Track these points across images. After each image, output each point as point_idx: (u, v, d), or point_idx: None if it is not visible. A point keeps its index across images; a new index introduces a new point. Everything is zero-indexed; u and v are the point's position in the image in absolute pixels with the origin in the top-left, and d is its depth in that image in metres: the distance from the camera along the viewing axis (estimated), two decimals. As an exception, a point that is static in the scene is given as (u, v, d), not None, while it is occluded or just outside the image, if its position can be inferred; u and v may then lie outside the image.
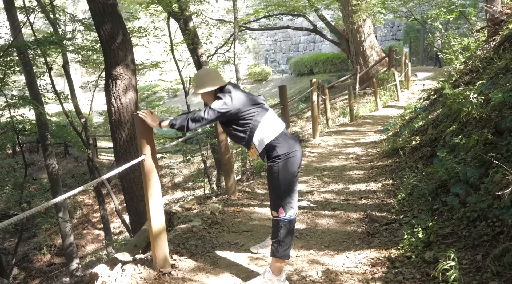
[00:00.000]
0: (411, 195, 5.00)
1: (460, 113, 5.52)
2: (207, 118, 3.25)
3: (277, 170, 3.33)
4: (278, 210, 3.34)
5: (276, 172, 3.34)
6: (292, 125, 13.81)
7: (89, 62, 16.77)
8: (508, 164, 3.63)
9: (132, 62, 7.02)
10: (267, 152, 3.39)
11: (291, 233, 3.40)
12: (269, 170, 3.42)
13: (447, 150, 5.21)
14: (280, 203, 3.34)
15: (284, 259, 3.38)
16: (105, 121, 26.31)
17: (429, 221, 3.93)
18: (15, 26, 11.15)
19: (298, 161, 3.41)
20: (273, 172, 3.35)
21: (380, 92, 16.86)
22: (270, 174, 3.40)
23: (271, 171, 3.38)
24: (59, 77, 30.82)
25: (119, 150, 6.95)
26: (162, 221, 3.58)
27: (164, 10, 14.90)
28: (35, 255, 15.77)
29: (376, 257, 3.79)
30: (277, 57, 40.80)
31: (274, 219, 3.39)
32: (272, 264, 3.41)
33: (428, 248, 3.57)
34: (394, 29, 32.18)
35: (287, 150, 3.34)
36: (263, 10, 20.93)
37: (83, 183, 18.03)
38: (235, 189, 6.25)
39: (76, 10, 36.87)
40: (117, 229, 16.64)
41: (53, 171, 11.77)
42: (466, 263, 3.17)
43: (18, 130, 13.79)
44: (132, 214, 7.21)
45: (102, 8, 6.59)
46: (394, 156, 7.51)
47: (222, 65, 22.63)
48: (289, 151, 3.35)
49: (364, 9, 17.66)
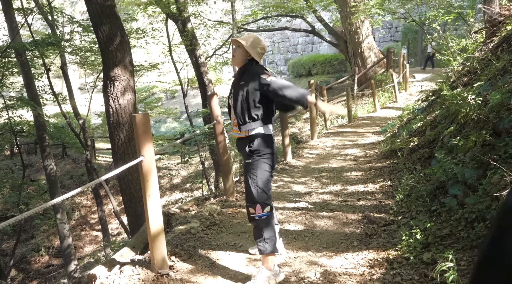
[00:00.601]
0: (409, 196, 5.01)
1: (458, 115, 5.52)
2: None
3: (256, 167, 3.42)
4: (256, 207, 3.40)
5: (255, 168, 3.42)
6: (290, 127, 13.82)
7: (87, 64, 16.78)
8: (506, 165, 3.64)
9: (130, 64, 7.02)
10: (252, 142, 3.46)
11: (272, 227, 3.46)
12: (248, 166, 3.49)
13: (445, 151, 5.21)
14: (257, 200, 3.40)
15: (275, 253, 3.44)
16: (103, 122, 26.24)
17: (427, 222, 3.93)
18: (13, 28, 11.16)
19: (275, 160, 3.59)
20: (253, 168, 3.43)
21: (378, 94, 16.88)
22: (249, 170, 3.47)
23: (251, 167, 3.45)
24: (57, 78, 30.80)
25: (117, 151, 6.94)
26: (160, 223, 3.58)
27: (162, 12, 14.91)
28: (33, 256, 15.75)
29: (374, 258, 3.79)
30: (275, 59, 40.82)
31: (251, 215, 3.44)
32: (265, 262, 3.45)
33: (426, 249, 3.57)
34: (392, 30, 32.24)
35: (270, 150, 3.47)
36: (261, 12, 20.96)
37: (81, 184, 18.01)
38: (233, 190, 6.25)
39: (74, 11, 36.85)
40: (115, 231, 16.63)
41: (51, 172, 11.76)
42: (464, 264, 3.17)
43: (16, 131, 13.76)
44: (130, 215, 7.20)
45: (100, 10, 6.59)
46: (392, 157, 7.52)
47: (220, 67, 22.67)
48: (272, 150, 3.48)
49: (362, 10, 17.69)
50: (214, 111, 5.85)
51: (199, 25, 18.01)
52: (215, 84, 20.89)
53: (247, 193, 3.51)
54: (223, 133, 6.01)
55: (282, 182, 7.10)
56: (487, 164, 3.91)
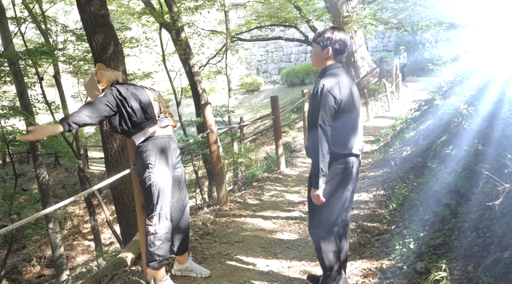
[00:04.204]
0: (402, 206, 5.02)
1: (451, 124, 5.55)
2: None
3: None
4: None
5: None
6: (284, 136, 13.82)
7: (81, 73, 16.75)
8: (498, 174, 3.65)
9: (123, 73, 7.01)
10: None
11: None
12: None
13: (438, 160, 5.23)
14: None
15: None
16: (96, 131, 26.23)
17: (420, 232, 3.94)
18: (6, 37, 11.12)
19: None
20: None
21: (371, 103, 16.95)
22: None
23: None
24: (50, 87, 30.74)
25: (110, 160, 6.92)
26: (153, 232, 3.55)
27: (156, 21, 14.93)
28: (25, 266, 15.59)
29: (367, 268, 3.79)
30: (269, 68, 40.95)
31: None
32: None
33: (420, 258, 3.57)
34: (385, 40, 32.43)
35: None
36: (255, 21, 21.02)
37: (73, 193, 17.92)
38: (226, 199, 6.24)
39: (68, 20, 36.83)
40: (108, 240, 16.52)
41: (43, 181, 11.69)
42: (458, 273, 3.17)
43: (8, 140, 13.68)
44: (123, 225, 7.16)
45: (93, 19, 6.59)
46: (386, 166, 7.53)
47: (214, 76, 22.70)
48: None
49: (355, 20, 17.81)
50: (207, 120, 5.86)
51: (193, 35, 18.04)
52: (209, 93, 20.93)
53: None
54: (217, 142, 6.01)
55: (276, 191, 7.10)
56: (480, 173, 3.93)
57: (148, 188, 3.39)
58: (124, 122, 3.39)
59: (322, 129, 2.85)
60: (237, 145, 13.18)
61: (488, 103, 4.71)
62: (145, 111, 3.42)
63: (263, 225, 5.41)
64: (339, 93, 2.88)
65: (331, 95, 2.85)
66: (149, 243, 3.41)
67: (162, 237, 3.41)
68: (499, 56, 6.47)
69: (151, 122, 3.43)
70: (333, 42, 2.98)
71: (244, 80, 37.58)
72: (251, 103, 34.45)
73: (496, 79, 5.48)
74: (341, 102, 2.89)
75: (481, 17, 8.22)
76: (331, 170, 2.99)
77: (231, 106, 16.44)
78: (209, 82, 24.51)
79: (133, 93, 3.41)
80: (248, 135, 15.48)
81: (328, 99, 2.84)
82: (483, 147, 4.32)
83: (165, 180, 3.43)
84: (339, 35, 2.99)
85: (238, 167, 11.37)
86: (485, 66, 6.54)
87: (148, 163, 3.39)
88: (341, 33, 3.00)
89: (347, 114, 2.95)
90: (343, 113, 2.92)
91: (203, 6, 20.73)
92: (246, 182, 8.88)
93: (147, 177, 3.39)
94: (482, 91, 5.75)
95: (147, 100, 3.45)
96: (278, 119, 8.44)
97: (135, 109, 3.37)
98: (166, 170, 3.47)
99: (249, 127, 20.85)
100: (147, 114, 3.42)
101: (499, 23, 7.54)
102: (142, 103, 3.41)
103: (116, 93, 3.36)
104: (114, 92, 3.36)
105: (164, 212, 3.41)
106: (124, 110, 3.35)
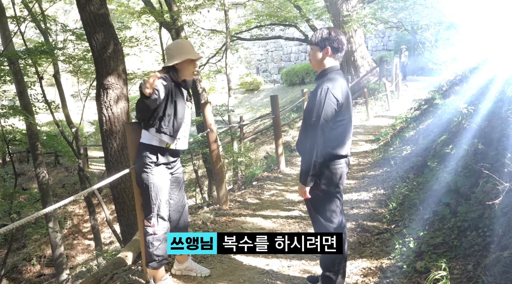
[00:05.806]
0: (402, 205, 5.02)
1: (451, 123, 5.55)
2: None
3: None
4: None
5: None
6: (284, 135, 13.81)
7: (81, 72, 16.74)
8: (498, 173, 3.65)
9: (123, 72, 7.01)
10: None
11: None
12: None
13: (438, 159, 5.23)
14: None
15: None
16: (96, 131, 26.21)
17: (420, 231, 3.94)
18: (5, 36, 11.12)
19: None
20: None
21: (371, 102, 16.95)
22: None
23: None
24: (50, 86, 30.73)
25: (110, 160, 6.91)
26: (153, 231, 3.55)
27: (156, 20, 14.93)
28: (25, 266, 15.59)
29: (367, 267, 3.79)
30: (269, 67, 40.96)
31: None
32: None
33: (420, 257, 3.57)
34: (385, 39, 32.43)
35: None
36: (254, 21, 21.01)
37: (73, 192, 17.92)
38: (226, 198, 6.24)
39: (68, 19, 36.83)
40: (108, 239, 16.52)
41: (43, 181, 11.68)
42: (457, 272, 3.17)
43: (8, 140, 13.68)
44: (123, 224, 7.16)
45: (93, 18, 6.59)
46: (385, 165, 7.53)
47: (214, 75, 22.68)
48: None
49: (355, 19, 17.79)
50: (207, 120, 5.85)
51: (193, 34, 18.03)
52: (209, 92, 20.90)
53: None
54: (217, 141, 6.01)
55: (276, 190, 7.10)
56: (479, 172, 3.93)
57: (145, 188, 3.39)
58: (158, 117, 3.40)
59: (321, 131, 2.90)
60: (237, 144, 13.17)
61: (488, 102, 4.71)
62: (176, 128, 3.46)
63: (263, 224, 5.41)
64: (341, 97, 2.95)
65: (335, 98, 2.91)
66: (147, 244, 3.41)
67: (160, 237, 3.41)
68: (499, 55, 6.47)
69: (171, 138, 3.44)
70: (331, 41, 3.06)
71: (244, 79, 37.57)
72: (251, 102, 34.46)
73: (496, 78, 5.48)
74: (342, 106, 2.96)
75: (481, 17, 8.21)
76: (328, 171, 3.06)
77: (231, 106, 16.44)
78: (209, 82, 24.50)
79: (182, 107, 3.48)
80: (248, 134, 15.47)
81: (331, 102, 2.90)
82: (483, 146, 4.32)
83: (162, 181, 3.43)
84: (335, 34, 3.07)
85: (238, 166, 11.37)
86: (485, 66, 6.53)
87: (147, 163, 3.38)
88: (336, 32, 3.09)
89: (344, 117, 3.02)
90: (342, 116, 2.99)
91: (203, 5, 20.75)
92: (246, 181, 8.88)
93: (144, 177, 3.38)
94: (482, 90, 5.75)
95: (182, 119, 3.51)
96: (278, 119, 8.44)
97: (171, 118, 3.41)
98: (165, 171, 3.47)
99: (249, 127, 20.86)
100: (174, 131, 3.45)
101: (499, 22, 7.54)
102: (178, 118, 3.46)
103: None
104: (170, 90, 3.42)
105: (162, 212, 3.41)
106: (162, 111, 3.38)
